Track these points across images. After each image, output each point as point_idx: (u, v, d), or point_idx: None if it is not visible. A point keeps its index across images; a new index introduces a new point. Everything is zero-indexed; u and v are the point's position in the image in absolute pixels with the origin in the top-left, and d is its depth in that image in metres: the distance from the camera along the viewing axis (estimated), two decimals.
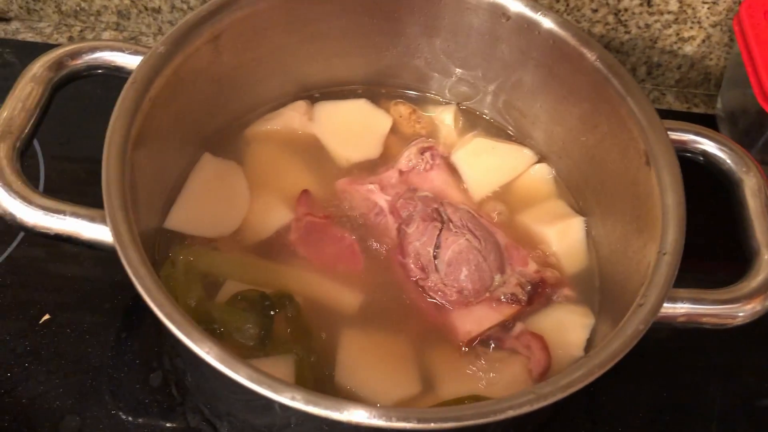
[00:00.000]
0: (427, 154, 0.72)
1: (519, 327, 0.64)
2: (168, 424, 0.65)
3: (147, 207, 0.61)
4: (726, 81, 0.93)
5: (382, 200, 0.69)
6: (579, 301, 0.66)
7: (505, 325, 0.64)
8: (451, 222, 0.66)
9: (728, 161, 0.61)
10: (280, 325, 0.62)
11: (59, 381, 0.67)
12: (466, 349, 0.63)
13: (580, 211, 0.72)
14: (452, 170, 0.74)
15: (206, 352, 0.45)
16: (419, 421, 0.43)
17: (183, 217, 0.67)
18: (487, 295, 0.65)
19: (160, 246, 0.66)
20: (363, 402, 0.51)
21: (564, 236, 0.70)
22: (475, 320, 0.63)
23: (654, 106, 0.61)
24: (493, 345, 0.63)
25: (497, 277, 0.64)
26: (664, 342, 0.76)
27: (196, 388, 0.63)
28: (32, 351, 0.68)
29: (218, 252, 0.66)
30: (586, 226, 0.70)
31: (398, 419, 0.43)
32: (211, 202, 0.68)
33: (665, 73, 0.95)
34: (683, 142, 0.63)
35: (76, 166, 0.81)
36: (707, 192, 0.63)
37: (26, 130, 0.56)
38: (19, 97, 0.57)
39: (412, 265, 0.66)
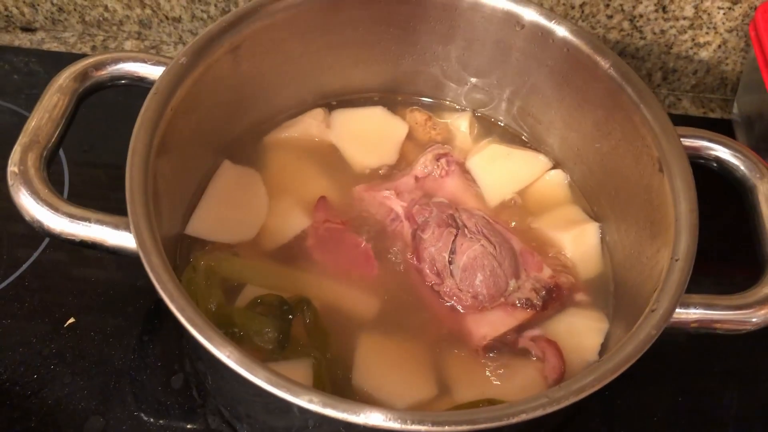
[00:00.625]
0: (443, 161, 0.73)
1: (534, 332, 0.65)
2: (189, 426, 0.67)
3: (169, 213, 0.63)
4: (742, 86, 0.93)
5: (398, 206, 0.70)
6: (593, 306, 0.67)
7: (520, 330, 0.65)
8: (466, 228, 0.67)
9: (742, 168, 0.62)
10: (298, 329, 0.63)
11: (83, 383, 0.68)
12: (482, 353, 0.63)
13: (594, 217, 0.72)
14: (468, 176, 0.75)
15: (227, 356, 0.46)
16: (434, 424, 0.44)
17: (203, 224, 0.68)
18: (502, 300, 0.65)
19: (182, 251, 0.68)
20: (379, 405, 0.52)
21: (579, 242, 0.70)
22: (490, 325, 0.64)
23: (668, 113, 0.62)
24: (508, 350, 0.64)
25: (512, 283, 0.65)
26: (681, 347, 0.76)
27: (216, 390, 0.65)
28: (57, 353, 0.70)
29: (238, 258, 0.67)
30: (600, 232, 0.71)
31: (413, 422, 0.44)
32: (231, 208, 0.70)
33: (681, 78, 0.95)
34: (697, 149, 0.63)
35: (100, 173, 0.84)
36: (721, 198, 0.64)
37: (53, 140, 0.58)
38: (46, 108, 0.58)
39: (428, 271, 0.67)
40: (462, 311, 0.65)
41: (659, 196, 0.59)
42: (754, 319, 0.55)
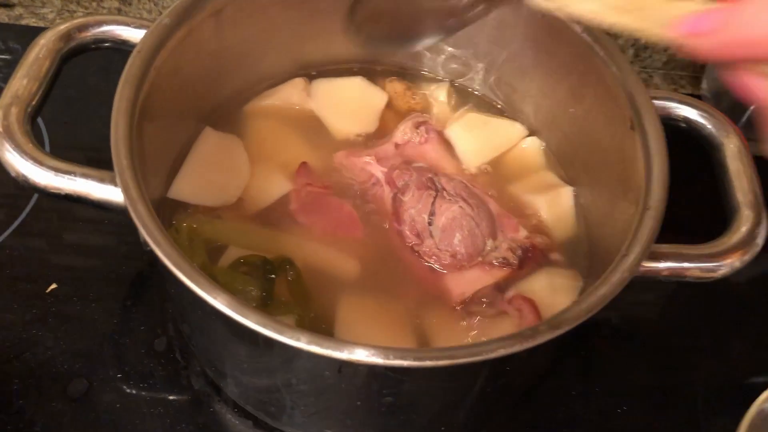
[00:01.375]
0: (422, 128, 0.75)
1: (511, 290, 0.67)
2: (172, 388, 0.68)
3: (152, 176, 0.63)
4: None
5: (378, 171, 0.72)
6: (568, 266, 0.69)
7: (498, 288, 0.66)
8: (445, 190, 0.69)
9: (709, 126, 0.64)
10: (281, 289, 0.64)
11: (66, 346, 0.69)
12: (460, 309, 0.65)
13: (568, 181, 0.74)
14: (446, 144, 0.76)
15: (215, 299, 0.47)
16: (415, 359, 0.46)
17: (186, 187, 0.69)
18: (480, 259, 0.67)
19: (164, 216, 0.68)
20: None
21: (553, 205, 0.72)
22: (468, 282, 0.66)
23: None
24: (485, 306, 0.66)
25: (489, 243, 0.67)
26: (653, 323, 0.79)
27: (201, 350, 0.65)
28: (40, 318, 0.70)
29: (221, 220, 0.68)
30: (575, 195, 0.73)
31: (395, 357, 0.46)
32: (213, 172, 0.71)
33: (652, 55, 0.97)
34: (666, 109, 0.65)
35: (80, 155, 0.84)
36: (689, 157, 0.66)
37: (36, 98, 0.58)
38: (28, 67, 0.59)
39: (408, 232, 0.68)
40: (441, 270, 0.67)
41: (631, 154, 0.61)
42: (722, 269, 0.57)
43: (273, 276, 0.64)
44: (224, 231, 0.67)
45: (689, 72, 0.99)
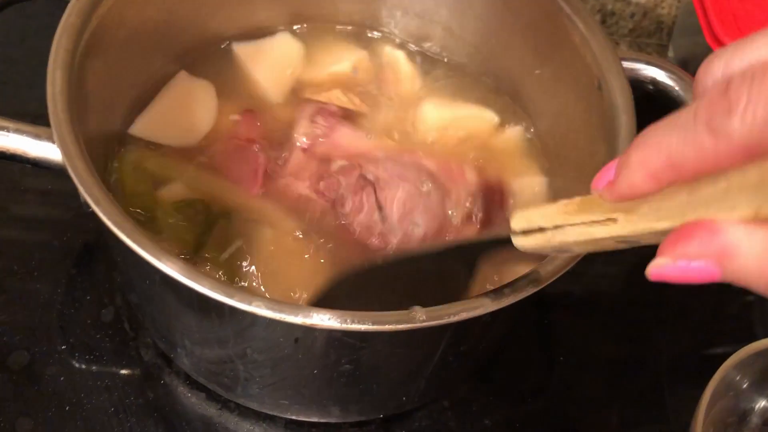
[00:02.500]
0: (319, 119, 0.68)
1: None
2: (120, 360, 0.64)
3: (103, 111, 0.60)
4: (677, 30, 0.95)
5: (302, 189, 0.65)
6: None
7: None
8: (380, 179, 0.64)
9: (677, 88, 0.62)
10: (216, 236, 0.61)
11: (5, 317, 0.65)
12: None
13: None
14: (348, 117, 0.71)
15: (159, 260, 0.44)
16: (374, 323, 0.43)
17: (149, 125, 0.66)
18: (450, 229, 0.64)
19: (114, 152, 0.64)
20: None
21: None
22: None
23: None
24: None
25: (449, 204, 0.64)
26: (616, 296, 0.78)
27: (150, 321, 0.62)
28: None
29: (165, 157, 0.65)
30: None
31: (353, 321, 0.43)
32: (179, 116, 0.68)
33: (619, 22, 0.96)
34: (633, 71, 0.63)
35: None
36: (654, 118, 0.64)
37: None
38: None
39: (372, 240, 0.63)
40: None
41: (599, 114, 0.60)
42: None
43: (209, 222, 0.61)
44: (169, 166, 0.64)
45: (656, 40, 0.98)
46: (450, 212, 0.64)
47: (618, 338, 0.75)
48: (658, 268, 0.32)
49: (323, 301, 0.51)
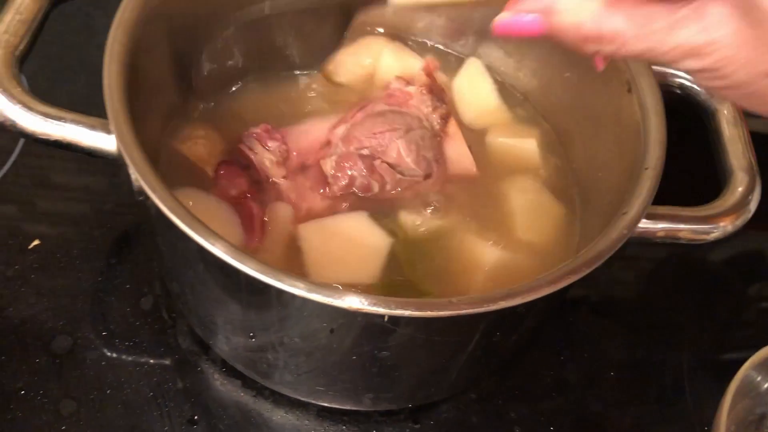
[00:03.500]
0: (265, 142, 0.66)
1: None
2: (159, 348, 0.66)
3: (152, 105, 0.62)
4: None
5: (320, 201, 0.66)
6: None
7: None
8: (372, 147, 0.66)
9: (703, 93, 0.64)
10: None
11: (49, 303, 0.67)
12: None
13: (562, 144, 0.74)
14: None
15: (213, 245, 0.46)
16: (416, 308, 0.45)
17: None
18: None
19: None
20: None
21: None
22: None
23: None
24: None
25: (431, 123, 0.67)
26: (632, 301, 0.80)
27: (190, 308, 0.64)
28: (22, 275, 0.68)
29: None
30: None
31: (396, 307, 0.45)
32: None
33: None
34: (662, 75, 0.65)
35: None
36: (680, 130, 0.66)
37: (24, 41, 0.56)
38: (17, 9, 0.57)
39: (407, 193, 0.67)
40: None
41: (628, 115, 0.61)
42: (715, 231, 0.58)
43: None
44: None
45: None
46: (432, 124, 0.67)
47: (637, 340, 0.76)
48: (501, 21, 0.43)
49: None
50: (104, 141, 0.53)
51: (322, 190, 0.66)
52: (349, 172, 0.64)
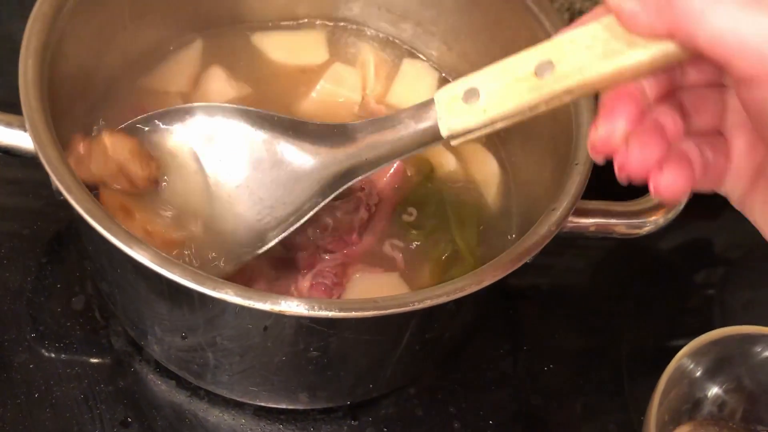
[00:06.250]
0: (325, 273, 0.62)
1: None
2: (91, 348, 0.65)
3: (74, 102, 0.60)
4: None
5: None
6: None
7: None
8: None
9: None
10: None
11: None
12: None
13: (500, 141, 0.73)
14: None
15: (132, 249, 0.45)
16: (341, 310, 0.45)
17: None
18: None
19: None
20: None
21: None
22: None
23: None
24: None
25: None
26: (582, 289, 0.80)
27: (121, 309, 0.63)
28: None
29: None
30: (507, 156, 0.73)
31: (320, 308, 0.44)
32: None
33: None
34: None
35: None
36: None
37: None
38: None
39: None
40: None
41: (563, 112, 0.61)
42: (647, 226, 0.58)
43: None
44: None
45: None
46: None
47: (582, 330, 0.77)
48: None
49: None
50: (21, 139, 0.52)
51: None
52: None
